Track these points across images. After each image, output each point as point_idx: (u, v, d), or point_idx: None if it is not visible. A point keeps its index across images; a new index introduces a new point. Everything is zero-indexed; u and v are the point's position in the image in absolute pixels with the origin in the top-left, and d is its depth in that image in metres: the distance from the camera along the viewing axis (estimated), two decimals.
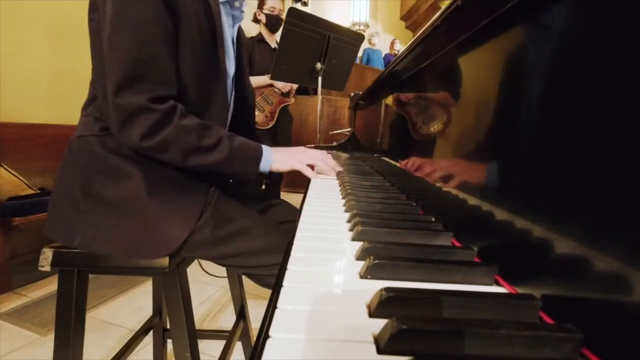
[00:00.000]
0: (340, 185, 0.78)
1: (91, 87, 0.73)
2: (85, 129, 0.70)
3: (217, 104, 0.79)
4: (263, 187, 2.40)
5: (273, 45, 2.33)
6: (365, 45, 5.99)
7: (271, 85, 2.29)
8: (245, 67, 0.94)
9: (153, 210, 0.66)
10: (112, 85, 0.63)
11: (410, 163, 0.73)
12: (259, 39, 2.33)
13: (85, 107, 0.74)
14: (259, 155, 0.77)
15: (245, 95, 0.94)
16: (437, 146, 0.60)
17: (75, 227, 0.67)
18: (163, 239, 0.66)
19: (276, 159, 0.79)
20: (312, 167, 0.86)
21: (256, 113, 2.24)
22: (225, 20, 0.80)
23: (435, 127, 0.62)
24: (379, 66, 6.03)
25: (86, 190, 0.67)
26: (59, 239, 0.69)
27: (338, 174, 0.90)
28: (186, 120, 0.69)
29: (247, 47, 2.26)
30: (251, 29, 2.51)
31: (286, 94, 2.35)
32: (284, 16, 2.25)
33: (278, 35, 2.35)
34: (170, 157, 0.68)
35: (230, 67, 0.84)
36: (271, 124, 2.31)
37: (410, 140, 0.78)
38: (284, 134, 2.42)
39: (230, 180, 0.84)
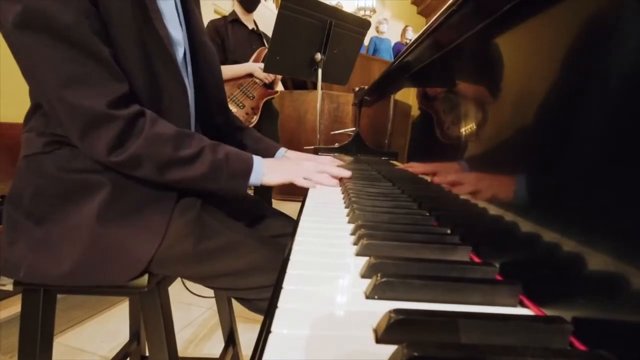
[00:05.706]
0: (343, 193, 0.78)
1: (31, 96, 0.70)
2: (30, 148, 0.68)
3: (171, 84, 0.73)
4: (252, 193, 2.34)
5: (250, 26, 2.24)
6: (372, 33, 6.01)
7: (250, 76, 2.18)
8: (201, 27, 0.86)
9: (114, 230, 0.66)
10: (58, 88, 0.59)
11: (423, 167, 0.73)
12: (233, 19, 2.21)
13: (26, 121, 0.70)
14: (249, 167, 0.74)
15: (208, 65, 0.86)
16: (454, 149, 0.60)
17: (20, 257, 0.66)
18: (125, 259, 0.65)
19: (267, 170, 0.77)
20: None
21: (234, 110, 2.15)
22: None
23: (453, 127, 0.62)
24: (388, 57, 6.06)
25: (36, 215, 0.66)
26: (4, 272, 0.68)
27: (341, 180, 0.89)
28: (159, 127, 0.67)
29: (218, 28, 2.15)
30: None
31: (269, 85, 2.23)
32: None
33: (256, 14, 2.27)
34: (144, 172, 0.66)
35: (175, 32, 0.75)
36: (254, 122, 2.20)
37: (424, 142, 0.79)
38: (269, 133, 2.25)
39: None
